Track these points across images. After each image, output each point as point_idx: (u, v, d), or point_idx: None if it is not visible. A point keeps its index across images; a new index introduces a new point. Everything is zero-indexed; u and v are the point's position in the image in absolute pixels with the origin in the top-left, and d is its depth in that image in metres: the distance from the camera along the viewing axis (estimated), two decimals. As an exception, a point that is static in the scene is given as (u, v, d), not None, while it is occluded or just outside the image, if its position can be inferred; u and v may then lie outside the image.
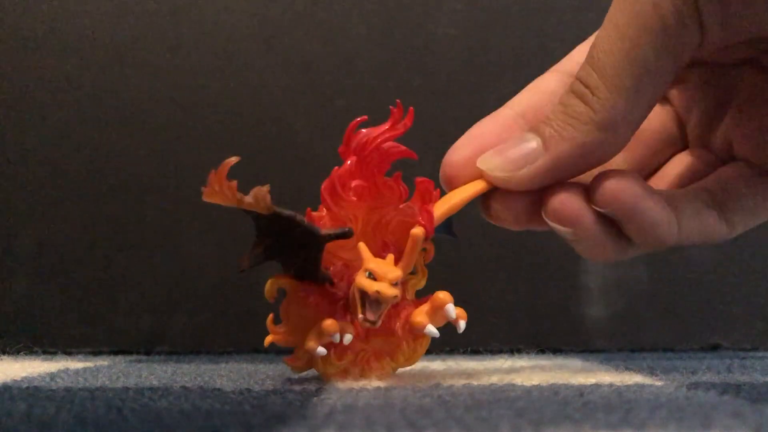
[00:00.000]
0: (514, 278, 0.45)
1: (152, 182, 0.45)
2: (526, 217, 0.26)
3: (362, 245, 0.25)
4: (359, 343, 0.26)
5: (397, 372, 0.28)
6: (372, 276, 0.24)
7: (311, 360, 0.26)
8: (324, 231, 0.24)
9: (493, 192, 0.26)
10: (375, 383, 0.25)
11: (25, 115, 0.45)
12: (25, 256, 0.44)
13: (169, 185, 0.45)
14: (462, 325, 0.26)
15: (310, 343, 0.25)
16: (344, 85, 0.46)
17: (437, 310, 0.26)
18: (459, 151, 0.27)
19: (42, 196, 0.45)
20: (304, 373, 0.29)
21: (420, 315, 0.26)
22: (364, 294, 0.24)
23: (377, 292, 0.24)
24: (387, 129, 0.26)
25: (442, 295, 0.26)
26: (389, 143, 0.26)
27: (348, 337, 0.25)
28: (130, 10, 0.46)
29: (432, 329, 0.26)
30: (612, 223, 0.26)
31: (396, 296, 0.24)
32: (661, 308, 0.45)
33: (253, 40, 0.46)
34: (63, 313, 0.44)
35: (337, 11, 0.46)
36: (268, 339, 0.26)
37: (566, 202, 0.25)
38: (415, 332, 0.26)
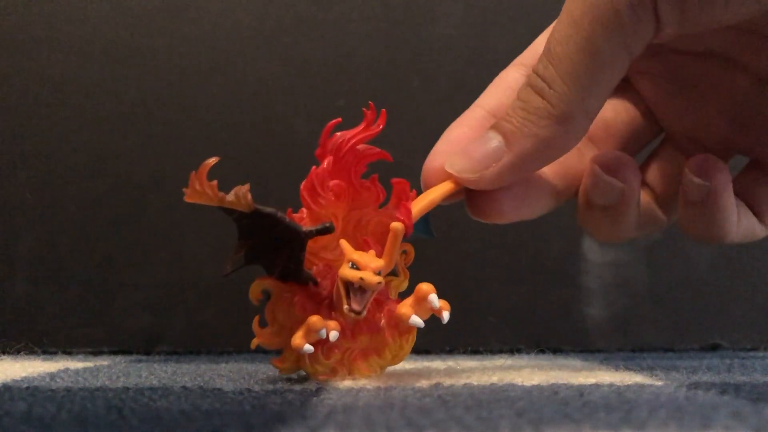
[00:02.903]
0: (514, 278, 0.45)
1: (152, 182, 0.45)
2: (512, 210, 0.27)
3: (344, 242, 0.26)
4: (346, 342, 0.26)
5: (389, 371, 0.28)
6: (355, 266, 0.25)
7: (299, 360, 0.26)
8: (305, 228, 0.25)
9: (476, 191, 0.27)
10: (374, 383, 0.25)
11: (25, 115, 0.45)
12: (25, 256, 0.44)
13: (169, 185, 0.45)
14: (446, 315, 0.26)
15: (297, 341, 0.25)
16: (344, 85, 0.46)
17: (421, 302, 0.26)
18: (438, 158, 0.27)
19: (42, 196, 0.45)
20: (303, 374, 0.29)
21: (404, 307, 0.26)
22: (348, 284, 0.25)
23: (361, 279, 0.24)
24: (361, 130, 0.27)
25: (425, 287, 0.26)
26: (364, 146, 0.27)
27: (334, 334, 0.25)
28: (130, 10, 0.46)
29: (417, 319, 0.26)
30: (652, 199, 0.28)
31: (380, 283, 0.24)
32: (661, 308, 0.45)
33: (253, 40, 0.46)
34: (63, 313, 0.44)
35: (337, 12, 0.46)
36: (255, 341, 0.27)
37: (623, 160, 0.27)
38: (401, 324, 0.27)
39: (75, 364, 0.35)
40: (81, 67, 0.45)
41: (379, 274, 0.25)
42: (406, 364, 0.33)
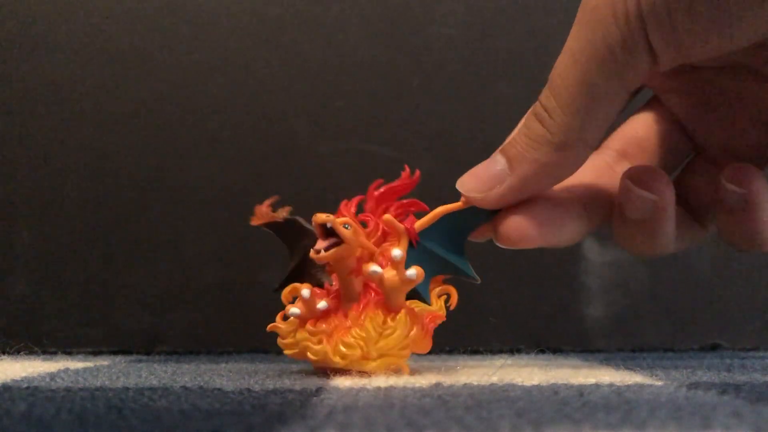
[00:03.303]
0: (514, 278, 0.45)
1: (152, 182, 0.45)
2: (538, 235, 0.28)
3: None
4: (337, 319, 0.28)
5: (396, 364, 0.28)
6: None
7: (296, 333, 0.28)
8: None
9: (501, 217, 0.28)
10: (374, 383, 0.25)
11: (25, 115, 0.45)
12: (24, 256, 0.44)
13: (169, 185, 0.45)
14: (412, 273, 0.27)
15: (289, 306, 0.28)
16: (344, 85, 0.46)
17: (391, 262, 0.27)
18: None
19: (42, 196, 0.45)
20: (303, 373, 0.29)
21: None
22: (316, 227, 0.27)
23: (315, 215, 0.27)
24: (398, 182, 0.30)
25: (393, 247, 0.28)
26: (409, 200, 0.30)
27: (323, 304, 0.28)
28: (130, 10, 0.46)
29: (375, 268, 0.27)
30: (687, 210, 0.29)
31: (328, 219, 0.27)
32: (661, 308, 0.45)
33: (253, 40, 0.46)
34: (63, 313, 0.44)
35: (337, 11, 0.46)
36: (271, 326, 0.29)
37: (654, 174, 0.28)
38: (388, 303, 0.28)
39: (75, 364, 0.35)
40: (81, 67, 0.45)
41: (347, 228, 0.27)
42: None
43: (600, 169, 0.30)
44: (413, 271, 0.27)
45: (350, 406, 0.19)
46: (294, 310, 0.28)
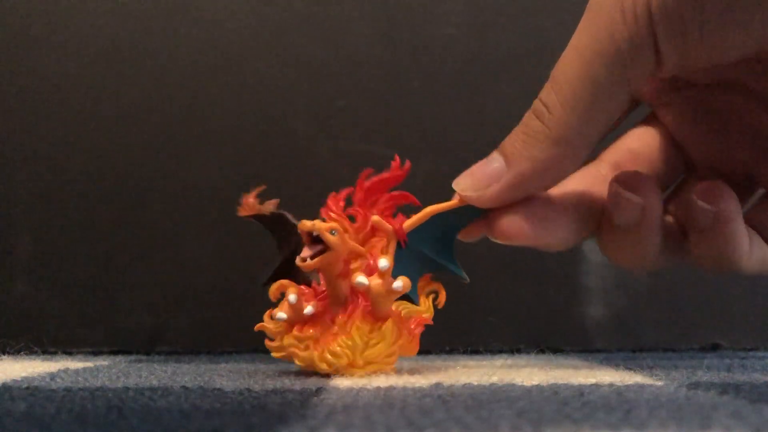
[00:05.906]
0: (514, 278, 0.45)
1: (152, 182, 0.45)
2: (531, 233, 0.27)
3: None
4: (324, 324, 0.28)
5: (383, 370, 0.28)
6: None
7: (284, 337, 0.28)
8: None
9: (496, 212, 0.27)
10: (374, 383, 0.25)
11: (25, 115, 0.45)
12: (25, 256, 0.44)
13: (169, 185, 0.45)
14: (398, 285, 0.27)
15: (276, 310, 0.28)
16: (344, 85, 0.46)
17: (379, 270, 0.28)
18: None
19: (42, 196, 0.45)
20: (303, 373, 0.29)
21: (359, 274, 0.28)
22: (302, 235, 0.27)
23: (301, 222, 0.27)
24: (388, 173, 0.29)
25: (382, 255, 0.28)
26: (399, 192, 0.29)
27: (309, 309, 0.28)
28: (130, 10, 0.46)
29: (361, 279, 0.27)
30: (671, 228, 0.29)
31: (314, 227, 0.26)
32: (661, 308, 0.45)
33: (253, 40, 0.46)
34: (63, 313, 0.44)
35: (338, 11, 0.46)
36: (259, 326, 0.29)
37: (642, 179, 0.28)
38: (375, 311, 0.28)
39: (75, 364, 0.35)
40: (81, 67, 0.45)
41: (333, 233, 0.27)
42: (406, 364, 0.33)
43: (594, 178, 0.30)
44: (400, 283, 0.27)
45: (350, 406, 0.19)
46: (281, 314, 0.28)
